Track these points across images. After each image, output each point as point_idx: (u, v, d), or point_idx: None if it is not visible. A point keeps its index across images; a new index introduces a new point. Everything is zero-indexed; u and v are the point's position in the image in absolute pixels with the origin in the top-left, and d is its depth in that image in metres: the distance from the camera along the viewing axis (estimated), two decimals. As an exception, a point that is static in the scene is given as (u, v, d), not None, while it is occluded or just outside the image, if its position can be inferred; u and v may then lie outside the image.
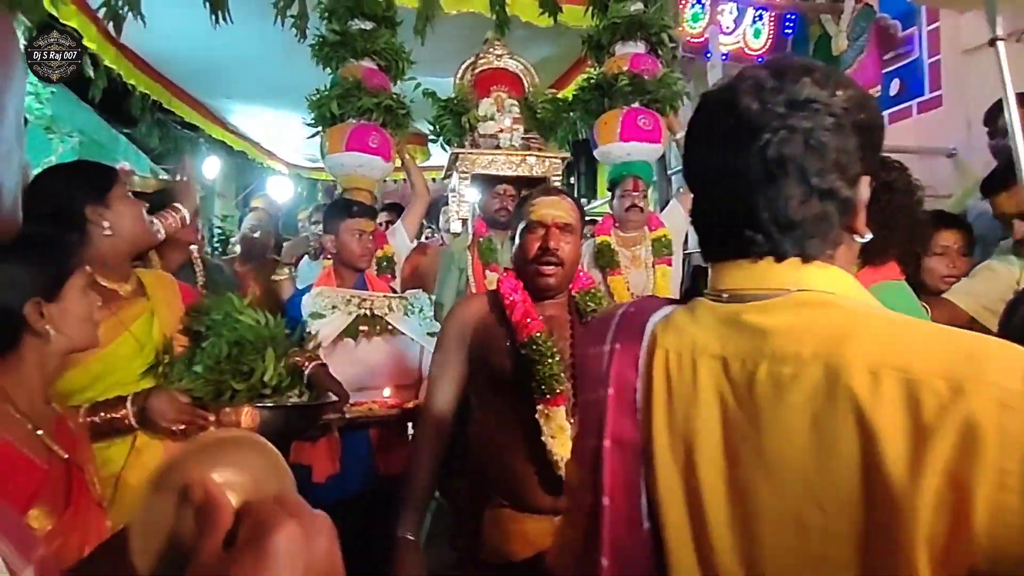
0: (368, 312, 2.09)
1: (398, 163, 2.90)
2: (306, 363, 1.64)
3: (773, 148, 0.58)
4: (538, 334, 1.35)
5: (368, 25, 2.80)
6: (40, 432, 1.03)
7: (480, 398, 1.44)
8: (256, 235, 3.03)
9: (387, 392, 2.08)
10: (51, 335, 1.05)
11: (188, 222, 2.04)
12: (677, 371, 0.63)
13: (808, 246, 0.60)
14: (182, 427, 1.40)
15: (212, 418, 1.43)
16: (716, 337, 0.62)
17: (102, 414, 1.33)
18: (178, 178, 2.12)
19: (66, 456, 1.04)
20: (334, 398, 1.67)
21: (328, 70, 2.82)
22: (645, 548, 0.62)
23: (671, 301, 0.73)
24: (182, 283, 1.71)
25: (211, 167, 6.80)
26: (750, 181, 0.59)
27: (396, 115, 2.70)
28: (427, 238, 4.24)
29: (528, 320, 1.36)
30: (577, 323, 1.47)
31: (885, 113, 4.10)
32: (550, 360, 1.33)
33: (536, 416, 1.31)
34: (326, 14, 2.79)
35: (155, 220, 1.68)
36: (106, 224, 1.40)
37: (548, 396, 1.32)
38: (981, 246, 2.23)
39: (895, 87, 3.98)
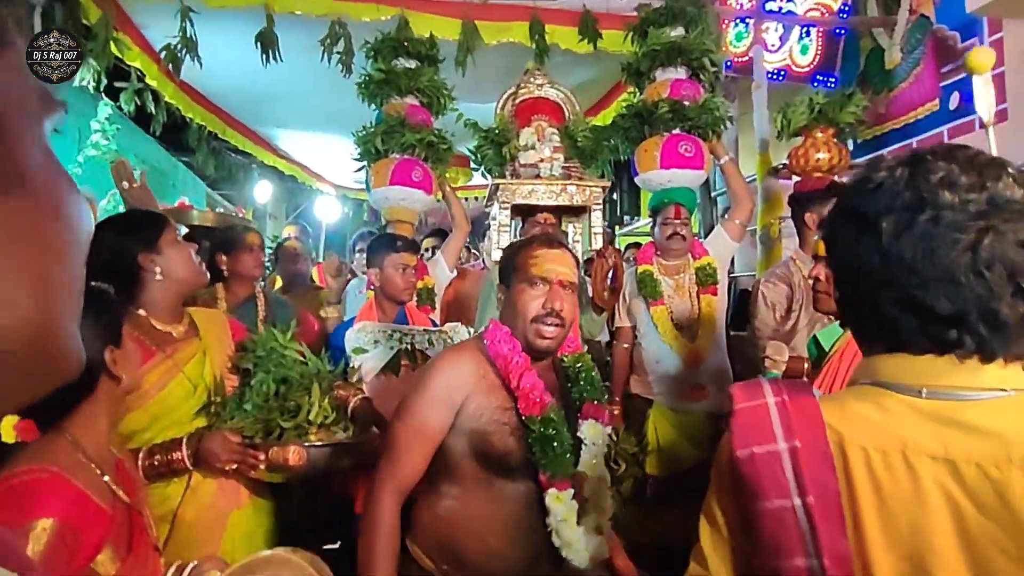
0: (409, 346, 2.12)
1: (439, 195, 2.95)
2: (351, 397, 1.68)
3: (985, 249, 0.57)
4: (552, 412, 1.22)
5: (412, 63, 2.88)
6: (106, 478, 1.08)
7: (458, 470, 1.25)
8: (296, 264, 3.11)
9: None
10: (123, 379, 1.11)
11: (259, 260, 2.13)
12: (885, 473, 0.59)
13: (1016, 346, 0.59)
14: (234, 466, 1.45)
15: (262, 457, 1.48)
16: (931, 437, 0.58)
17: (159, 457, 1.39)
18: (236, 212, 2.21)
19: (128, 500, 1.08)
20: (378, 432, 1.70)
21: (373, 106, 2.90)
22: None
23: (796, 385, 0.69)
24: (232, 319, 1.77)
25: (263, 191, 7.07)
26: (957, 280, 0.58)
27: (438, 150, 2.75)
28: (472, 259, 4.28)
29: (538, 394, 1.23)
30: (565, 389, 1.36)
31: (944, 128, 3.91)
32: (563, 440, 1.22)
33: (545, 498, 1.20)
34: (372, 53, 2.88)
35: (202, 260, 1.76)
36: (158, 270, 1.47)
37: (559, 478, 1.20)
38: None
39: (954, 101, 3.80)
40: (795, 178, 3.59)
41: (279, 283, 3.38)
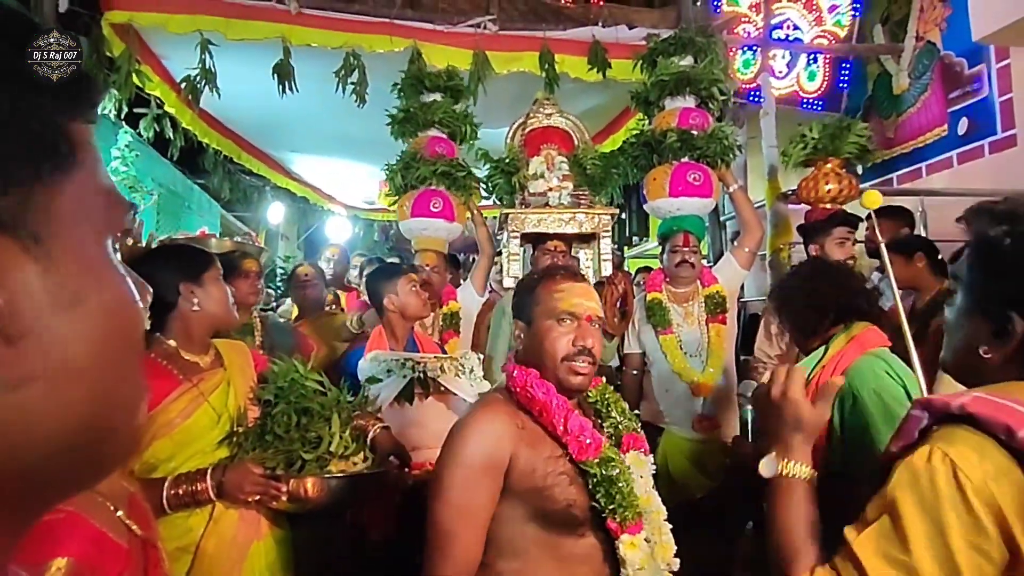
0: (422, 374, 2.14)
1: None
2: (370, 426, 1.70)
3: None
4: (609, 451, 1.14)
5: (433, 97, 2.96)
6: (120, 513, 1.10)
7: (519, 540, 1.11)
8: (307, 290, 3.11)
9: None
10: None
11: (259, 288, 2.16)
12: None
13: None
14: (257, 497, 1.48)
15: (284, 488, 1.50)
16: None
17: (185, 487, 1.42)
18: (251, 240, 2.27)
19: (142, 534, 1.10)
20: (396, 462, 1.72)
21: (402, 141, 3.00)
22: None
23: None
24: (254, 351, 1.81)
25: (275, 212, 7.17)
26: None
27: (456, 178, 2.82)
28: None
29: (588, 434, 1.13)
30: (596, 425, 1.26)
31: (953, 153, 3.93)
32: (628, 479, 1.13)
33: (617, 548, 1.10)
34: (398, 91, 2.98)
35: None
36: (196, 301, 1.52)
37: (631, 522, 1.10)
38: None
39: (963, 126, 3.82)
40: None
41: (296, 310, 3.41)
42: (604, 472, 1.11)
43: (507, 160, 2.85)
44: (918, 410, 0.81)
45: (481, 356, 2.41)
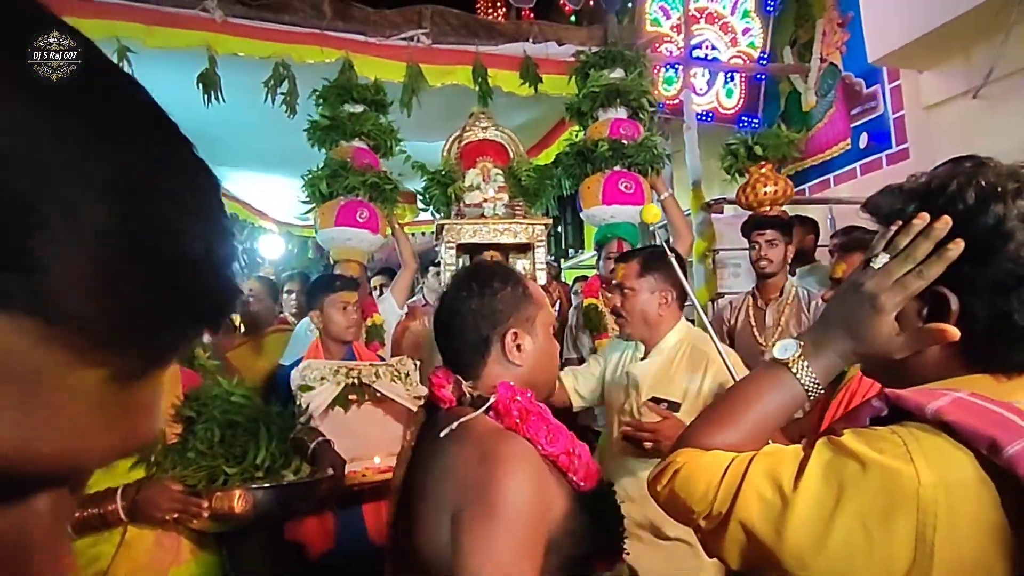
0: (356, 381, 2.11)
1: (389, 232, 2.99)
2: (310, 441, 1.66)
3: None
4: (603, 477, 1.01)
5: (358, 108, 2.95)
6: None
7: None
8: (250, 306, 3.02)
9: (378, 460, 2.08)
10: None
11: None
12: None
13: None
14: (175, 515, 1.39)
15: (205, 504, 1.42)
16: None
17: (92, 509, 1.32)
18: None
19: None
20: (330, 472, 1.66)
21: (321, 149, 2.94)
22: None
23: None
24: (184, 369, 1.72)
25: (201, 228, 6.86)
26: None
27: (383, 190, 2.81)
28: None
29: (587, 460, 0.96)
30: None
31: (856, 165, 4.27)
32: (617, 506, 1.01)
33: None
34: (319, 99, 2.94)
35: None
36: None
37: (614, 555, 0.98)
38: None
39: (863, 140, 4.17)
40: (728, 211, 3.81)
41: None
42: (604, 501, 0.98)
43: (443, 172, 2.87)
44: (878, 401, 0.67)
45: (418, 362, 2.40)
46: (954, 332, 0.62)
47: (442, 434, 0.90)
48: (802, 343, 0.72)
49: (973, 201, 0.63)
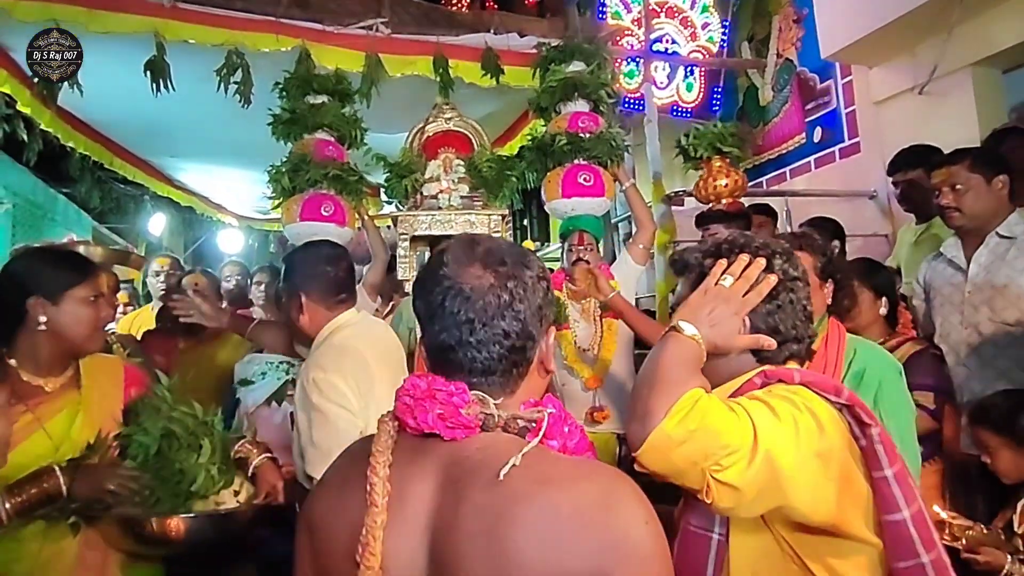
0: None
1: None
2: (253, 456, 1.59)
3: None
4: None
5: (320, 99, 2.89)
6: None
7: None
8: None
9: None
10: None
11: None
12: None
13: None
14: (112, 486, 1.31)
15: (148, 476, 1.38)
16: None
17: (32, 488, 1.23)
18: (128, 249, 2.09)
19: None
20: (274, 499, 1.57)
21: (286, 143, 2.88)
22: None
23: None
24: (130, 367, 1.64)
25: (157, 223, 6.64)
26: None
27: (347, 182, 2.76)
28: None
29: None
30: None
31: (811, 158, 4.38)
32: None
33: None
34: (280, 92, 2.87)
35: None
36: (43, 319, 1.36)
37: None
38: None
39: (818, 134, 4.28)
40: (688, 204, 3.88)
41: None
42: None
43: (402, 163, 2.84)
44: (758, 379, 0.96)
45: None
46: (772, 342, 0.98)
47: (503, 474, 0.67)
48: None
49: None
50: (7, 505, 1.19)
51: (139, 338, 2.75)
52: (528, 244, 6.90)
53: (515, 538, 0.64)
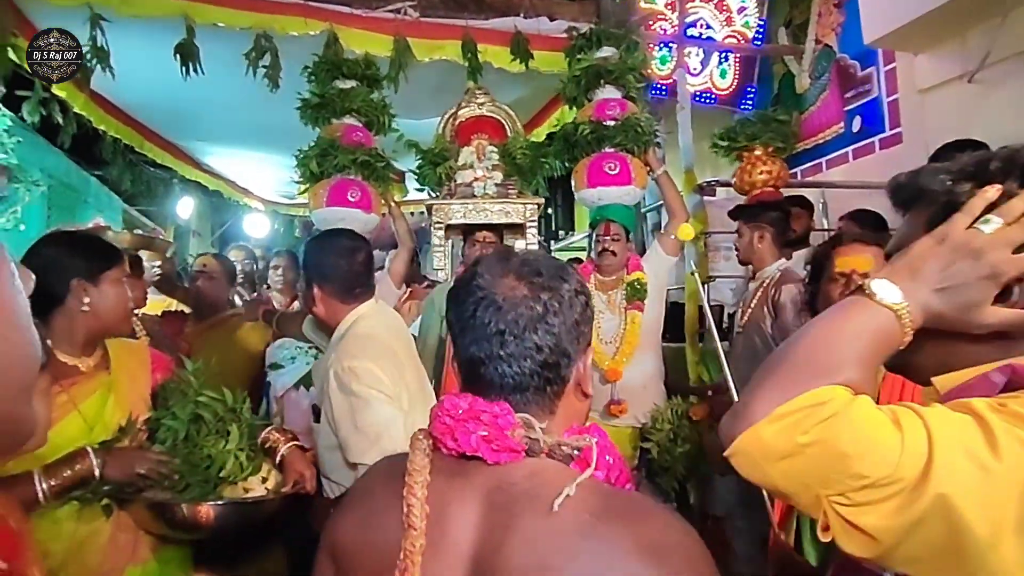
0: (326, 360, 2.06)
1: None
2: (280, 443, 1.59)
3: None
4: None
5: (350, 83, 2.86)
6: None
7: None
8: (199, 282, 2.79)
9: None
10: None
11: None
12: None
13: None
14: (143, 470, 1.35)
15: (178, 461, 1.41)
16: None
17: (67, 471, 1.27)
18: (155, 234, 2.12)
19: (4, 566, 0.98)
20: (302, 484, 1.56)
21: (314, 128, 2.87)
22: None
23: None
24: (156, 352, 1.67)
25: (185, 207, 6.73)
26: None
27: (375, 168, 2.73)
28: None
29: None
30: None
31: (849, 149, 4.23)
32: None
33: None
34: (309, 76, 2.85)
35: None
36: (86, 301, 1.39)
37: None
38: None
39: (857, 124, 4.13)
40: (720, 194, 3.78)
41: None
42: None
43: (435, 150, 2.80)
44: (998, 376, 0.63)
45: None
46: None
47: (556, 505, 0.63)
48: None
49: None
50: (44, 486, 1.22)
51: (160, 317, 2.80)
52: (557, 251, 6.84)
53: (572, 573, 0.61)
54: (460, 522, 0.67)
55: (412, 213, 5.98)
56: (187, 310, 3.01)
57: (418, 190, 2.95)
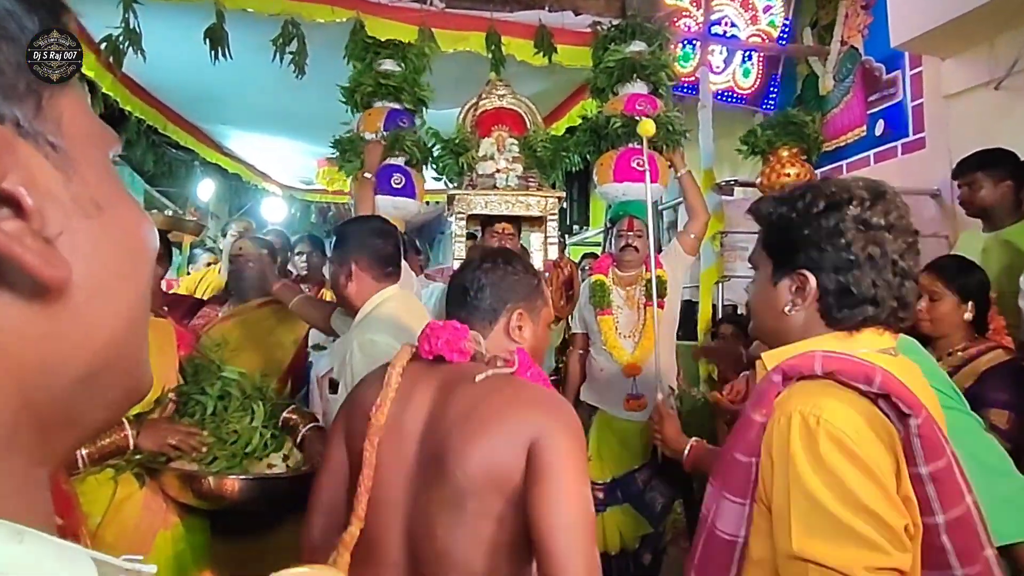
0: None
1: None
2: (302, 424, 1.64)
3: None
4: None
5: (386, 64, 2.88)
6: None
7: None
8: (237, 268, 2.66)
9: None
10: None
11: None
12: None
13: None
14: (174, 441, 1.45)
15: (200, 446, 1.50)
16: None
17: (105, 440, 1.36)
18: (187, 215, 2.16)
19: (61, 522, 1.03)
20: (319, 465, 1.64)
21: (354, 112, 2.89)
22: None
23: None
24: (180, 328, 1.72)
25: (205, 189, 6.80)
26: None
27: (415, 154, 2.76)
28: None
29: None
30: None
31: (871, 152, 4.20)
32: None
33: None
34: (348, 59, 2.86)
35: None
36: None
37: None
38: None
39: (880, 128, 4.09)
40: (737, 194, 3.77)
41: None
42: None
43: (456, 140, 2.82)
44: (776, 376, 0.90)
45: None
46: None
47: (478, 378, 1.00)
48: None
49: (821, 207, 0.94)
50: (84, 452, 1.29)
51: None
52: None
53: (486, 407, 0.97)
54: (424, 390, 1.05)
55: (428, 203, 6.01)
56: (194, 295, 3.04)
57: (435, 179, 2.95)
